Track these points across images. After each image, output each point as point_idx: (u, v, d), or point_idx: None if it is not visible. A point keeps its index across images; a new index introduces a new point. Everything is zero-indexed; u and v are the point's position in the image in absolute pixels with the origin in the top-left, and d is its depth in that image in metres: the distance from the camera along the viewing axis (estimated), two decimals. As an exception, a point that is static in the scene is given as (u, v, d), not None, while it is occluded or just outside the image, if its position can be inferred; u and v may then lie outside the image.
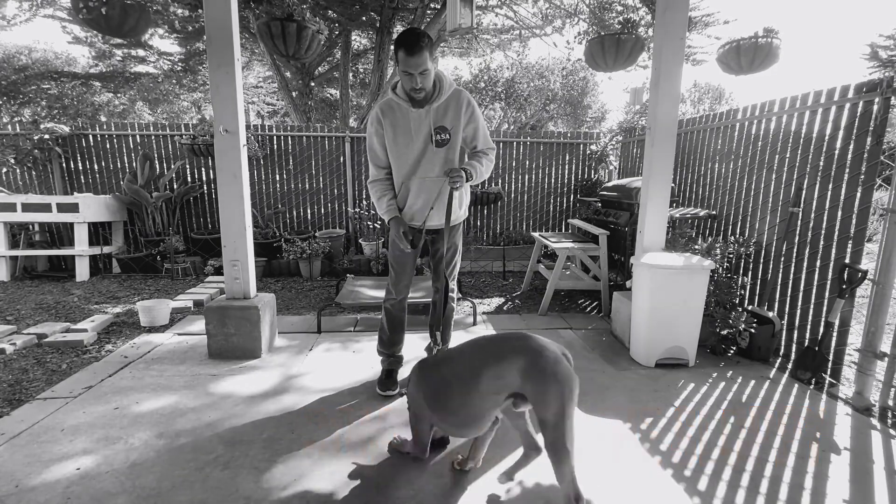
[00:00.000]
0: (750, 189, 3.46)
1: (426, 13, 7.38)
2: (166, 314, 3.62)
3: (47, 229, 5.42)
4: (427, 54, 2.02)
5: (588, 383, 2.62)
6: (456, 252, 2.52)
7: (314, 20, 3.72)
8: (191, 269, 5.28)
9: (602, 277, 4.03)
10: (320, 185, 6.04)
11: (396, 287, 2.50)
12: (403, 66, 2.04)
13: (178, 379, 2.61)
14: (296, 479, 1.78)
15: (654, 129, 2.96)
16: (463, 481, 1.78)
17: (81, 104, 11.60)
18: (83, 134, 5.71)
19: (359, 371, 2.74)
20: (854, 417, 2.28)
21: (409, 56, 1.99)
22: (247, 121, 7.31)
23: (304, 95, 8.84)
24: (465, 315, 3.87)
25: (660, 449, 2.02)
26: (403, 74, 2.08)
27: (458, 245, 2.53)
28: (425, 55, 2.01)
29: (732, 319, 2.89)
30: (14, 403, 2.35)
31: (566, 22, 7.87)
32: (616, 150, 6.20)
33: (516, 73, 11.75)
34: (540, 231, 6.09)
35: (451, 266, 2.51)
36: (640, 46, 3.97)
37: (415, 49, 1.98)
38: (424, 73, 2.05)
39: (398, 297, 2.52)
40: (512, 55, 10.89)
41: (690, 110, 14.49)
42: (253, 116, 13.15)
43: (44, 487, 1.70)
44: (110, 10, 3.07)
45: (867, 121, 2.54)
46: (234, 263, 2.96)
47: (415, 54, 1.99)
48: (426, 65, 2.03)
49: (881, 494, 1.75)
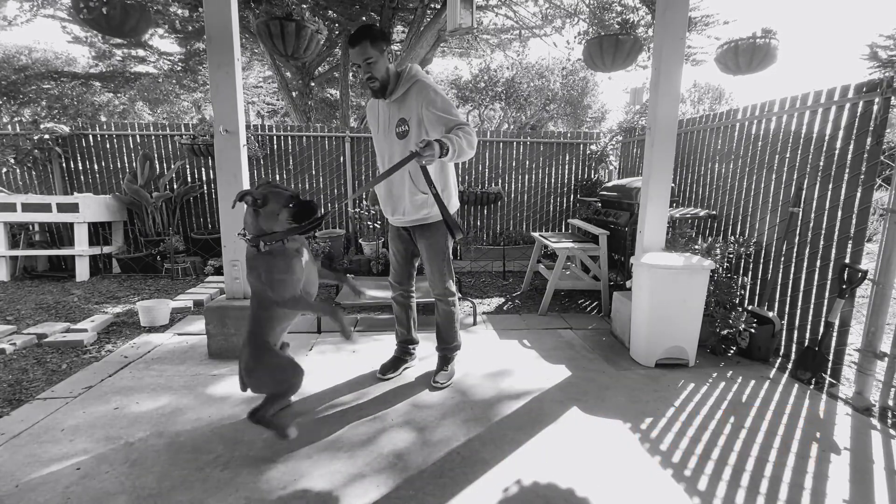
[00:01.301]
0: (750, 189, 3.46)
1: (426, 13, 7.38)
2: (166, 314, 3.62)
3: (47, 229, 5.42)
4: (368, 44, 2.13)
5: (588, 383, 2.62)
6: (435, 252, 2.42)
7: (313, 20, 3.72)
8: (191, 269, 5.28)
9: (602, 277, 4.03)
10: (320, 185, 6.04)
11: (392, 280, 2.69)
12: (352, 59, 2.21)
13: (178, 379, 2.61)
14: (296, 479, 1.78)
15: (654, 129, 2.96)
16: (463, 480, 1.78)
17: (81, 104, 11.61)
18: (83, 134, 5.71)
19: (358, 371, 2.74)
20: (854, 417, 2.28)
21: (351, 47, 2.16)
22: (247, 121, 7.31)
23: (304, 95, 8.84)
24: (464, 315, 3.87)
25: (660, 449, 2.02)
26: (357, 69, 2.24)
27: (439, 244, 2.41)
28: (366, 45, 2.13)
29: (732, 319, 2.89)
30: (14, 403, 2.35)
31: (566, 22, 7.88)
32: (616, 150, 6.20)
33: (516, 73, 11.76)
34: (540, 231, 6.09)
35: (430, 266, 2.46)
36: (638, 47, 3.97)
37: (355, 41, 2.13)
38: (370, 63, 2.17)
39: (395, 290, 2.70)
40: (512, 55, 10.89)
41: (690, 110, 14.50)
42: (253, 116, 13.15)
43: (44, 487, 1.70)
44: (111, 10, 3.07)
45: (867, 121, 2.54)
46: (234, 263, 2.96)
47: (355, 45, 2.14)
48: (367, 54, 2.15)
49: (881, 494, 1.75)
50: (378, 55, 2.17)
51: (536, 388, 2.56)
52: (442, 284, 2.50)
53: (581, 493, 1.72)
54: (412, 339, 2.78)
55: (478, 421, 2.20)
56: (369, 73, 2.20)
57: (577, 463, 1.91)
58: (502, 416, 2.26)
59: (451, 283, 2.53)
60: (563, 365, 2.87)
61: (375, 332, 3.41)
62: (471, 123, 13.90)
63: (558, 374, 2.73)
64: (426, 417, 2.23)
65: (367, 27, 2.16)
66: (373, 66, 2.18)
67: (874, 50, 9.60)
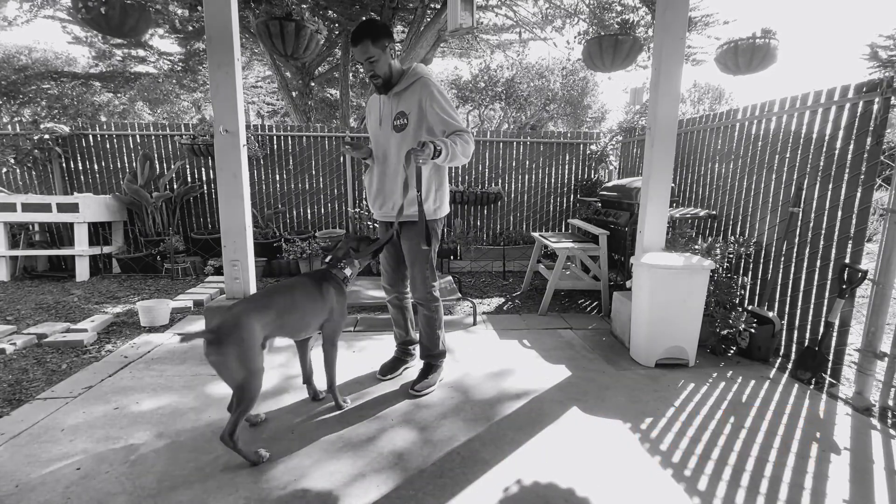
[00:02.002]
0: (750, 189, 3.46)
1: (426, 13, 7.38)
2: (166, 314, 3.62)
3: (47, 229, 5.42)
4: (370, 43, 2.14)
5: (588, 383, 2.62)
6: (418, 254, 2.36)
7: (313, 20, 3.73)
8: (191, 269, 5.29)
9: (602, 277, 4.03)
10: (320, 185, 6.04)
11: (384, 284, 2.69)
12: (355, 57, 2.23)
13: (178, 379, 2.61)
14: (296, 479, 1.78)
15: (654, 129, 2.96)
16: (463, 480, 1.78)
17: (81, 104, 11.61)
18: (83, 134, 5.71)
19: (359, 370, 2.74)
20: (854, 417, 2.28)
21: (353, 46, 2.18)
22: (247, 121, 7.31)
23: (304, 95, 8.84)
24: (464, 315, 3.87)
25: (660, 449, 2.02)
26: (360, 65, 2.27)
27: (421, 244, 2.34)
28: (367, 44, 2.14)
29: (732, 319, 2.89)
30: (14, 403, 2.35)
31: (566, 22, 7.88)
32: (616, 150, 6.20)
33: (516, 73, 11.76)
34: (540, 231, 6.09)
35: (413, 269, 2.42)
36: (638, 47, 3.97)
37: (356, 39, 2.14)
38: (371, 62, 2.19)
39: (389, 294, 2.69)
40: (512, 55, 10.89)
41: (690, 110, 14.50)
42: (253, 116, 13.15)
43: (44, 487, 1.70)
44: (110, 10, 3.07)
45: (867, 121, 2.54)
46: (234, 263, 2.96)
47: (356, 44, 2.15)
48: (369, 53, 2.16)
49: (881, 494, 1.75)
50: (380, 53, 2.18)
51: (536, 388, 2.56)
52: (424, 289, 2.44)
53: (581, 494, 1.72)
54: (411, 339, 2.77)
55: (478, 421, 2.20)
56: (372, 70, 2.21)
57: (576, 463, 1.91)
58: (502, 416, 2.26)
59: (434, 288, 2.47)
60: (563, 365, 2.87)
61: (375, 332, 3.41)
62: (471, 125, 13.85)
63: (558, 374, 2.73)
64: (426, 417, 2.24)
65: (368, 24, 2.15)
66: (375, 64, 2.20)
67: (874, 50, 9.59)
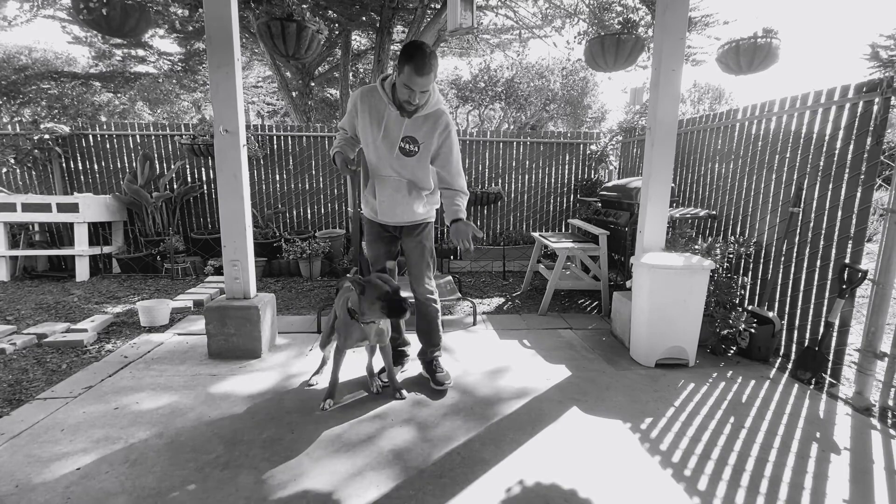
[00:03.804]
0: (750, 189, 3.46)
1: (426, 13, 7.38)
2: (166, 314, 3.62)
3: (47, 229, 5.42)
4: (433, 76, 2.03)
5: (588, 383, 2.62)
6: (422, 252, 2.51)
7: (314, 20, 3.73)
8: (191, 269, 5.29)
9: (602, 277, 4.03)
10: (320, 185, 6.04)
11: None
12: (408, 82, 2.00)
13: (178, 379, 2.61)
14: (296, 479, 1.78)
15: (654, 129, 2.96)
16: (463, 479, 1.78)
17: (81, 104, 11.60)
18: (83, 134, 5.71)
19: (359, 370, 2.73)
20: (854, 417, 2.28)
21: (419, 76, 1.97)
22: (247, 121, 7.31)
23: (304, 95, 8.84)
24: (464, 315, 3.87)
25: (660, 449, 2.02)
26: (403, 87, 2.04)
27: (424, 245, 2.51)
28: (432, 77, 2.02)
29: (732, 319, 2.89)
30: (14, 403, 2.35)
31: (566, 22, 7.87)
32: (616, 150, 6.19)
33: (516, 73, 11.77)
34: (540, 231, 6.09)
35: (416, 268, 2.52)
36: (639, 47, 3.96)
37: (425, 70, 1.97)
38: (424, 94, 2.08)
39: None
40: (512, 55, 10.89)
41: (690, 110, 14.50)
42: (253, 116, 13.16)
43: (44, 487, 1.70)
44: (110, 10, 3.07)
45: (867, 121, 2.54)
46: (234, 263, 2.96)
47: (424, 75, 1.98)
48: (430, 86, 2.06)
49: (881, 494, 1.75)
50: (434, 85, 2.12)
51: (536, 387, 2.56)
52: (428, 286, 2.55)
53: (581, 494, 1.73)
54: (403, 340, 2.80)
55: (478, 421, 2.20)
56: (418, 100, 2.08)
57: (577, 463, 1.92)
58: (502, 415, 2.26)
59: (434, 285, 2.60)
60: (563, 365, 2.87)
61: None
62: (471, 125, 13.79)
63: (558, 374, 2.73)
64: (426, 417, 2.24)
65: (433, 54, 1.99)
66: (424, 96, 2.09)
67: (875, 50, 9.59)
